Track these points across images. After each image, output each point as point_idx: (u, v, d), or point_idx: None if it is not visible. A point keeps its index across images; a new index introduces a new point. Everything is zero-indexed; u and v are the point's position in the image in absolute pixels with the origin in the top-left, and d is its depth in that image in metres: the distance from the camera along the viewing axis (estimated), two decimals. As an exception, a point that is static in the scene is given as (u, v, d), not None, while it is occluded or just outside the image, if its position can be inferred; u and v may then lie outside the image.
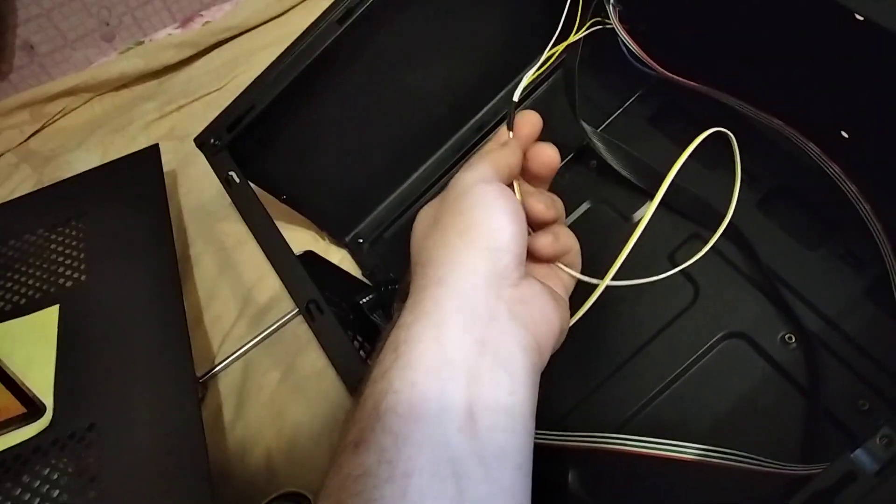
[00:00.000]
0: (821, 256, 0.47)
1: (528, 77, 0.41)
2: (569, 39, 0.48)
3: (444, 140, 0.66)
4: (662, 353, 0.48)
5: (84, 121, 0.97)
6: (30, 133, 0.95)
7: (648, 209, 0.32)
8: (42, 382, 0.57)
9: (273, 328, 0.68)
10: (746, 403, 0.45)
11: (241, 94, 0.53)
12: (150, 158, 0.74)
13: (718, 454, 0.35)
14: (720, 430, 0.44)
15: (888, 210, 0.43)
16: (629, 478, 0.44)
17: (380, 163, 0.64)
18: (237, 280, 0.73)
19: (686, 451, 0.34)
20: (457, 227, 0.30)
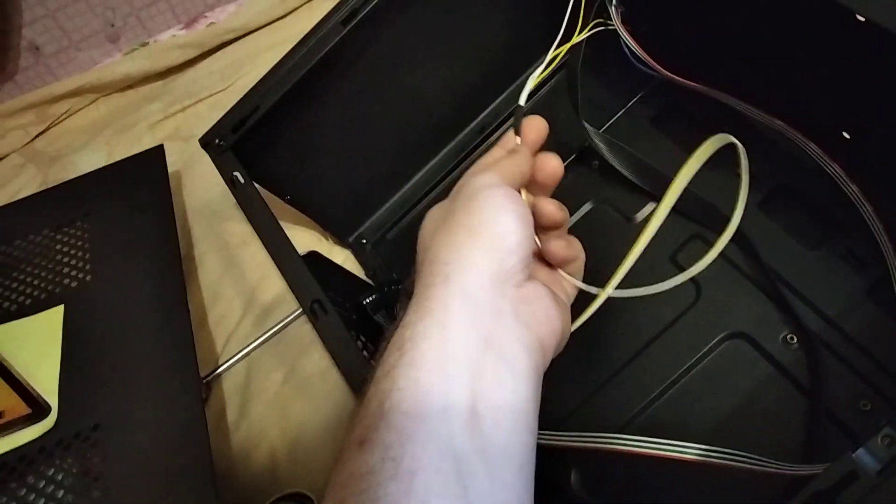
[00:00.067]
0: (822, 257, 0.47)
1: (534, 80, 0.41)
2: (572, 41, 0.48)
3: (447, 141, 0.66)
4: (664, 354, 0.48)
5: (89, 121, 0.97)
6: (35, 134, 0.95)
7: (650, 225, 0.32)
8: (47, 383, 0.57)
9: (277, 328, 0.68)
10: (748, 404, 0.45)
11: (246, 95, 0.53)
12: (155, 159, 0.74)
13: (720, 454, 0.35)
14: (722, 431, 0.45)
15: (889, 210, 0.43)
16: (631, 478, 0.44)
17: (383, 164, 0.64)
18: (241, 280, 0.74)
19: (687, 452, 0.35)
20: (465, 228, 0.31)
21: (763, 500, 0.38)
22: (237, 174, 0.51)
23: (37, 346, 0.60)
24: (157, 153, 0.75)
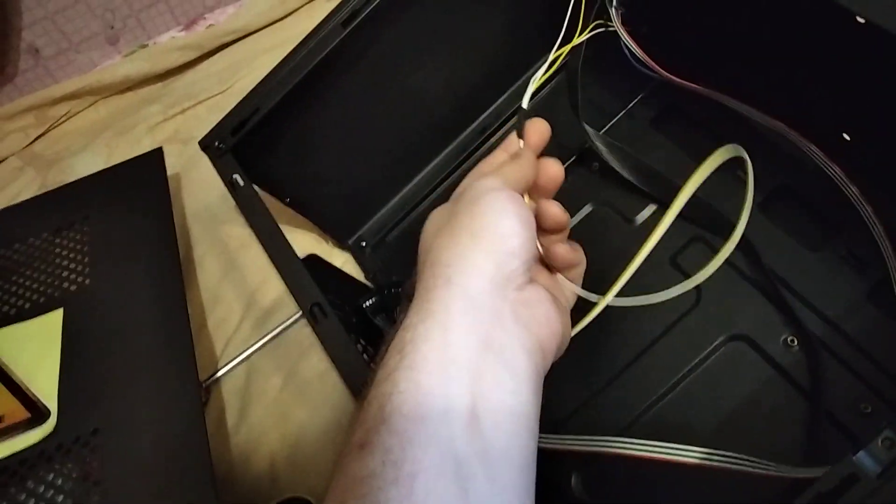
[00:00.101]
0: (822, 258, 0.47)
1: (536, 82, 0.41)
2: (572, 42, 0.48)
3: (447, 143, 0.66)
4: (665, 357, 0.48)
5: (88, 124, 0.97)
6: (34, 136, 0.95)
7: (654, 235, 0.32)
8: (46, 387, 0.57)
9: (277, 331, 0.68)
10: (749, 406, 0.45)
11: (246, 97, 0.53)
12: (154, 161, 0.74)
13: (721, 457, 0.35)
14: (723, 433, 0.44)
15: (890, 212, 0.43)
16: (632, 481, 0.44)
17: (383, 166, 0.64)
18: (241, 283, 0.74)
19: (688, 455, 0.34)
20: (468, 230, 0.31)
21: (764, 502, 0.38)
22: (237, 176, 0.51)
23: (36, 350, 0.60)
24: (157, 156, 0.75)
